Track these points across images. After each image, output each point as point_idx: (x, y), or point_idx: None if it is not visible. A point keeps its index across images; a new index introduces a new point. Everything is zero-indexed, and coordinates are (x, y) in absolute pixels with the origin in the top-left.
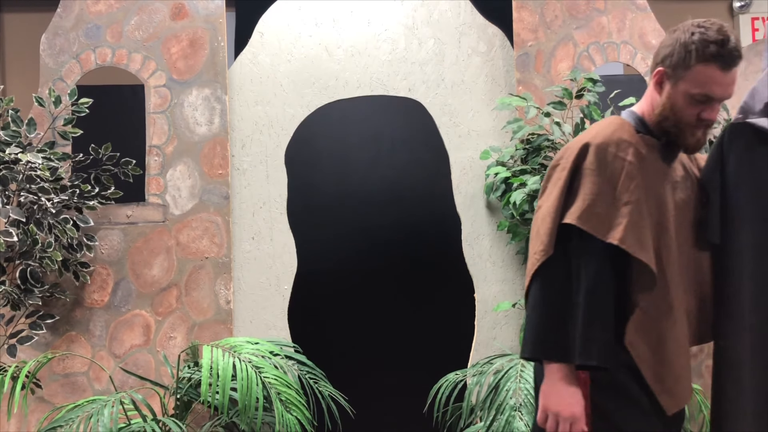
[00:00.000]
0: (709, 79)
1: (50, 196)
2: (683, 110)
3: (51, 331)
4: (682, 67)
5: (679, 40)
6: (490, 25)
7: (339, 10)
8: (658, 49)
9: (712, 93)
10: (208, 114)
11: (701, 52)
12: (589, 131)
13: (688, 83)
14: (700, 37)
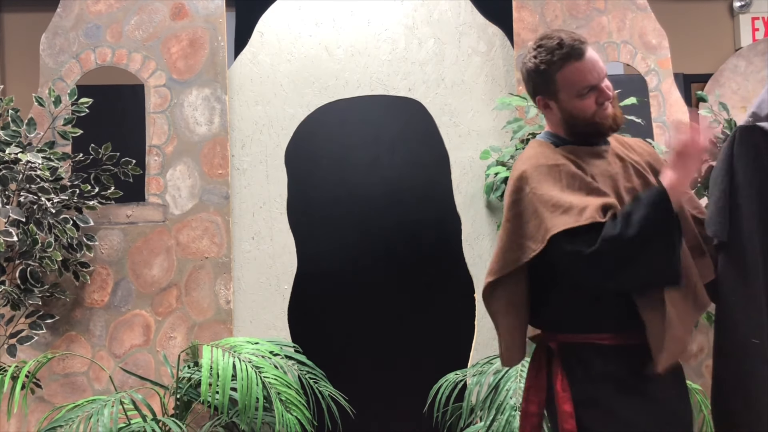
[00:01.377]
0: (576, 75)
1: (50, 196)
2: (580, 109)
3: (51, 331)
4: (548, 84)
5: (529, 69)
6: (490, 24)
7: (339, 10)
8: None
9: (588, 83)
10: (208, 114)
11: (551, 64)
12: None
13: (563, 91)
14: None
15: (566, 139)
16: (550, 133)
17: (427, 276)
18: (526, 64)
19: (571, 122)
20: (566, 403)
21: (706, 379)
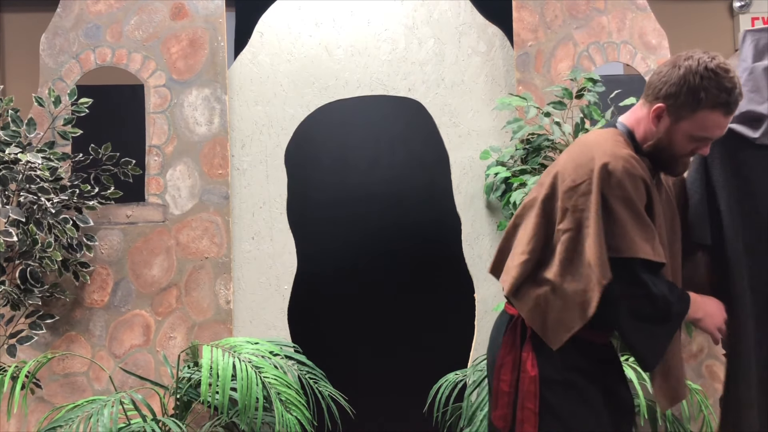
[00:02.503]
0: (714, 124)
1: (50, 196)
2: (680, 146)
3: (51, 331)
4: (687, 109)
5: (688, 82)
6: (490, 24)
7: (339, 10)
8: (658, 80)
9: (713, 136)
10: (207, 114)
11: (710, 100)
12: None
13: (690, 125)
14: (710, 84)
15: (639, 147)
16: (630, 130)
17: (427, 276)
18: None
19: (660, 146)
20: (532, 384)
21: (706, 379)
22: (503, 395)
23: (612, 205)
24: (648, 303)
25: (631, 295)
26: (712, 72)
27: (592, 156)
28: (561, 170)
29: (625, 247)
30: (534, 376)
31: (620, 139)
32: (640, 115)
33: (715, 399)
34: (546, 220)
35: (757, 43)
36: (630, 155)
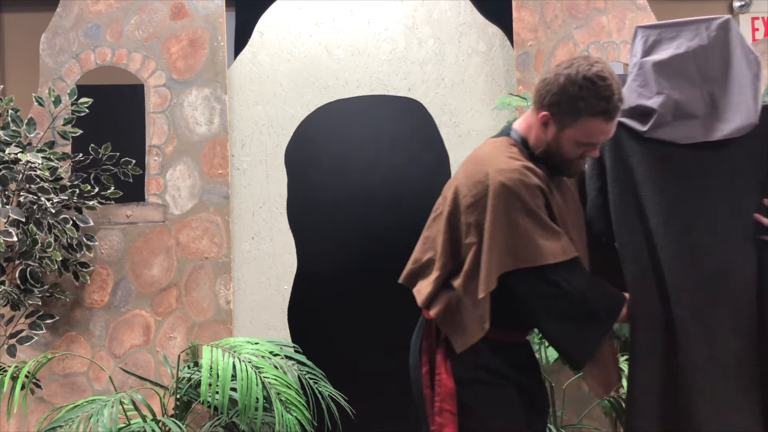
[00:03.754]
0: (596, 131)
1: (50, 196)
2: (569, 151)
3: (51, 331)
4: (569, 118)
5: (567, 92)
6: (490, 24)
7: (339, 10)
8: (542, 88)
9: (597, 141)
10: (207, 114)
11: (589, 108)
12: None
13: (574, 132)
14: (588, 93)
15: (534, 153)
16: (523, 137)
17: None
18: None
19: (550, 151)
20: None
21: None
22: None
23: (514, 218)
24: (566, 302)
25: (548, 297)
26: (589, 81)
27: (486, 171)
28: (460, 186)
29: (534, 257)
30: (449, 377)
31: (513, 148)
32: (531, 121)
33: None
34: (452, 236)
35: (646, 39)
36: (523, 165)
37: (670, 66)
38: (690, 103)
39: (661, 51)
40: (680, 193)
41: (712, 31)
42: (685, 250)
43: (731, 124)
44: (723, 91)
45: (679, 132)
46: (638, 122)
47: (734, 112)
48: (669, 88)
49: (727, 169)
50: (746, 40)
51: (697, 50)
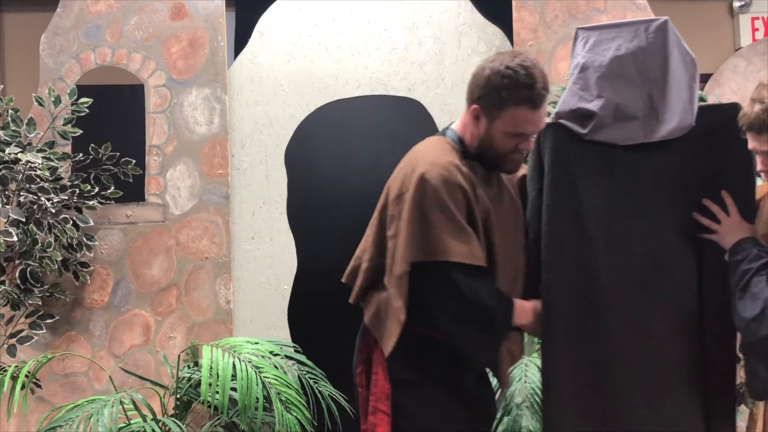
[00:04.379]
0: (522, 119)
1: (50, 196)
2: (501, 143)
3: (51, 331)
4: (496, 108)
5: (492, 82)
6: (490, 24)
7: (339, 10)
8: (472, 83)
9: (525, 131)
10: (207, 114)
11: (512, 97)
12: (421, 155)
13: (503, 123)
14: (510, 82)
15: (470, 152)
16: (460, 137)
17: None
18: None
19: (484, 146)
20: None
21: None
22: (362, 399)
23: (427, 212)
24: (462, 305)
25: (446, 296)
26: (511, 70)
27: (414, 165)
28: (392, 181)
29: (439, 251)
30: (385, 377)
31: (446, 146)
32: (465, 119)
33: None
34: (381, 229)
35: (586, 40)
36: (450, 162)
37: (610, 68)
38: (630, 105)
39: (601, 53)
40: (620, 194)
41: (651, 33)
42: (624, 249)
43: (669, 126)
44: (661, 92)
45: (619, 134)
46: (579, 124)
47: (672, 113)
48: (609, 90)
49: (665, 169)
50: (683, 42)
51: (636, 52)
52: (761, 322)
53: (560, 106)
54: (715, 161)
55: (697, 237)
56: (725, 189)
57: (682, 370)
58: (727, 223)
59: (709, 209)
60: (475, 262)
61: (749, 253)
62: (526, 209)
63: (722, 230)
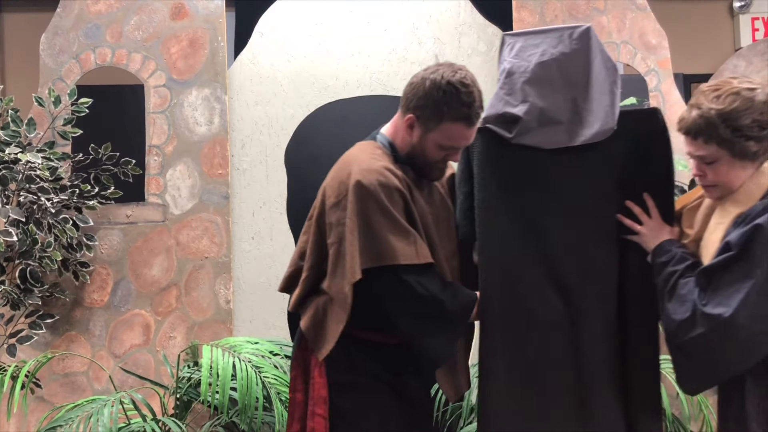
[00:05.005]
0: (456, 135)
1: (50, 196)
2: (432, 154)
3: (51, 331)
4: (433, 121)
5: (432, 96)
6: (490, 24)
7: (339, 10)
8: (410, 92)
9: (457, 145)
10: (207, 114)
11: (451, 112)
12: (354, 161)
13: (437, 135)
14: (451, 99)
15: (400, 156)
16: (391, 141)
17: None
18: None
19: (415, 153)
20: (322, 389)
21: None
22: (299, 406)
23: (370, 218)
24: (418, 304)
25: (401, 298)
26: (453, 87)
27: (349, 172)
28: (326, 187)
29: (388, 255)
30: (323, 381)
31: (378, 151)
32: (398, 124)
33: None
34: (320, 237)
35: (512, 46)
36: (384, 167)
37: (534, 74)
38: (554, 110)
39: (526, 58)
40: (545, 197)
41: (575, 39)
42: (549, 251)
43: (591, 129)
44: (584, 96)
45: (543, 138)
46: (505, 129)
47: (594, 117)
48: (534, 95)
49: (589, 172)
50: (605, 49)
51: (559, 57)
52: (692, 324)
53: (487, 110)
54: (637, 164)
55: (620, 238)
56: (646, 191)
57: (608, 370)
58: (648, 225)
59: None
60: (422, 260)
61: (674, 254)
62: (456, 211)
63: (644, 232)
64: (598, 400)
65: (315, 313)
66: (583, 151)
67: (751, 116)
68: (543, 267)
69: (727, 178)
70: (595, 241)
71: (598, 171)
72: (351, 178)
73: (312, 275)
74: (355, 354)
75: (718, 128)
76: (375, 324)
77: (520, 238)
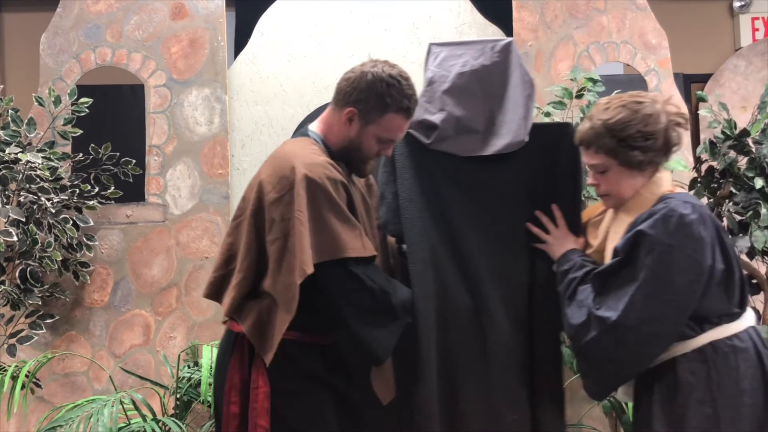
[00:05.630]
0: (397, 127)
1: (50, 196)
2: (369, 147)
3: (51, 331)
4: (375, 113)
5: (376, 88)
6: (490, 24)
7: (339, 10)
8: (347, 86)
9: (395, 138)
10: (207, 114)
11: (394, 104)
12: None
13: (377, 128)
14: (394, 91)
15: (333, 152)
16: (323, 138)
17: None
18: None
19: (352, 147)
20: (265, 399)
21: None
22: (234, 418)
23: (319, 212)
24: (367, 296)
25: (351, 291)
26: (395, 80)
27: (291, 166)
28: (264, 183)
29: (338, 249)
30: (266, 390)
31: (314, 147)
32: (331, 121)
33: None
34: (257, 234)
35: (436, 56)
36: (326, 161)
37: (454, 83)
38: (471, 119)
39: (448, 68)
40: (460, 202)
41: (496, 52)
42: (463, 253)
43: (504, 140)
44: (500, 108)
45: (459, 145)
46: (423, 135)
47: (508, 128)
48: (451, 104)
49: (501, 180)
50: (524, 63)
51: (479, 69)
52: (587, 328)
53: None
54: (546, 175)
55: (530, 246)
56: (554, 202)
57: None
58: (555, 234)
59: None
60: (368, 253)
61: (575, 263)
62: (382, 211)
63: (551, 240)
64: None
65: (259, 316)
66: (496, 160)
67: (636, 127)
68: (457, 268)
69: (617, 187)
70: (505, 246)
71: (510, 180)
72: (296, 172)
73: (248, 276)
74: (300, 358)
75: (605, 138)
76: (314, 325)
77: (438, 237)
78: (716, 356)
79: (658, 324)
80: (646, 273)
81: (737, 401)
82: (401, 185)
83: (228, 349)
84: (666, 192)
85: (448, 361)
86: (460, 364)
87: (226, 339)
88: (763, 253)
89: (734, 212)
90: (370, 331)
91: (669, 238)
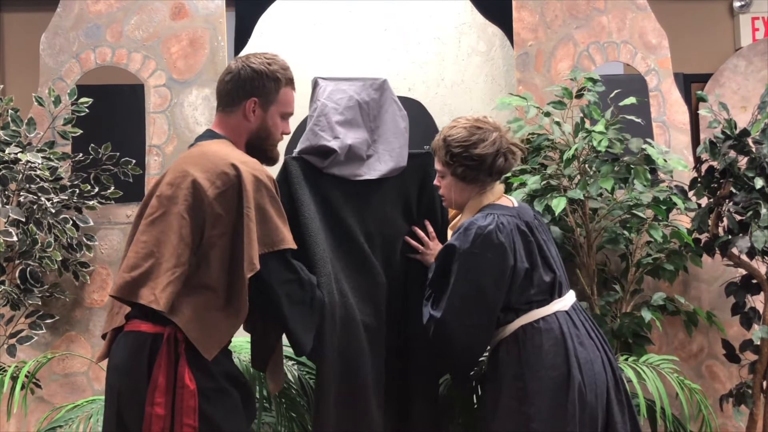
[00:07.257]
0: (290, 99)
1: (50, 196)
2: (275, 128)
3: (51, 331)
4: (272, 93)
5: (263, 72)
6: (490, 24)
7: (338, 10)
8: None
9: (292, 110)
10: (208, 114)
11: (282, 78)
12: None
13: (278, 106)
14: (277, 68)
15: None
16: (229, 140)
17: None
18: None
19: (260, 136)
20: (192, 398)
21: (706, 379)
22: (158, 420)
23: (263, 206)
24: (299, 287)
25: (288, 281)
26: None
27: (229, 163)
28: (199, 180)
29: (279, 240)
30: (193, 389)
31: (237, 149)
32: (228, 123)
33: (715, 399)
34: (194, 229)
35: (324, 88)
36: (257, 161)
37: (343, 115)
38: (359, 147)
39: (336, 100)
40: (348, 219)
41: (374, 89)
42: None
43: (387, 166)
44: (381, 138)
45: (348, 170)
46: (319, 159)
47: (390, 156)
48: (344, 133)
49: (384, 200)
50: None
51: (362, 103)
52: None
53: (302, 143)
54: (419, 195)
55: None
56: (426, 218)
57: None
58: (428, 246)
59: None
60: (294, 246)
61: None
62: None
63: (425, 251)
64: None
65: (195, 311)
66: (379, 183)
67: (467, 148)
68: (352, 279)
69: (448, 192)
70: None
71: (390, 200)
72: (238, 169)
73: (186, 272)
74: (218, 357)
75: (443, 150)
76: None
77: (335, 251)
78: (525, 337)
79: (475, 317)
80: (457, 277)
81: (542, 374)
82: (298, 208)
83: (140, 350)
84: (487, 203)
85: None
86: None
87: (134, 341)
88: (763, 253)
89: (734, 212)
90: (300, 323)
91: (471, 246)
